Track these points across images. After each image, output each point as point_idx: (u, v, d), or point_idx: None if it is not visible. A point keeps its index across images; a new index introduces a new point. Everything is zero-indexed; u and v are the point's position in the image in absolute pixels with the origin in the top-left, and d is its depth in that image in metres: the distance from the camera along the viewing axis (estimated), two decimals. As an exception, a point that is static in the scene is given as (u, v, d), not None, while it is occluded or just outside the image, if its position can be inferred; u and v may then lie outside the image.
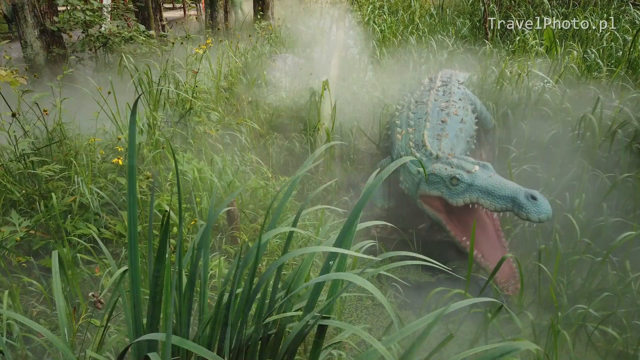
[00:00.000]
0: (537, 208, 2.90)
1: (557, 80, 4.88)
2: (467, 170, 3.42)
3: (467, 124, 4.30)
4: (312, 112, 5.02)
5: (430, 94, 4.61)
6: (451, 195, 3.40)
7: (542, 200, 2.93)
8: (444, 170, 3.48)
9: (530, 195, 2.95)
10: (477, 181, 3.29)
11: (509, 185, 3.11)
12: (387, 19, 8.60)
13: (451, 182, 3.41)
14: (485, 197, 3.18)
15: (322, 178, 4.91)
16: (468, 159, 3.56)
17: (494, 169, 3.47)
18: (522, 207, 2.94)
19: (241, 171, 3.85)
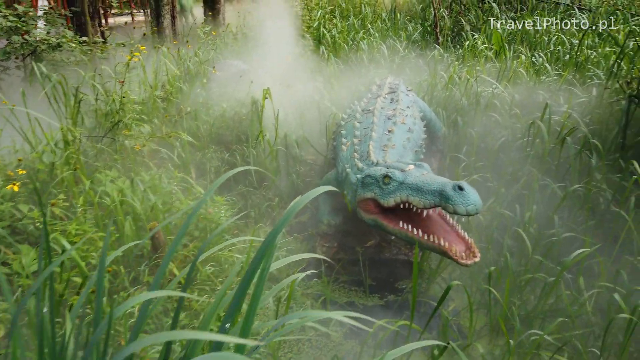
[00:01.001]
0: (464, 199, 2.65)
1: (506, 85, 4.76)
2: (401, 169, 3.20)
3: (414, 133, 4.08)
4: (254, 123, 4.69)
5: (377, 101, 4.37)
6: (382, 194, 3.17)
7: (470, 190, 2.67)
8: (378, 171, 3.26)
9: (457, 186, 2.70)
10: (408, 179, 3.07)
11: (438, 180, 2.87)
12: (338, 24, 8.39)
13: (383, 181, 3.18)
14: (414, 195, 2.94)
15: (265, 193, 4.59)
16: (407, 161, 3.34)
17: (430, 169, 3.26)
18: (448, 200, 2.69)
19: (168, 191, 3.48)
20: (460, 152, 4.50)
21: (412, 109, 4.41)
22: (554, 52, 5.82)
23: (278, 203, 4.54)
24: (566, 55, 5.49)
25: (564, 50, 5.75)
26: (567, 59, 5.40)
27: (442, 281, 3.55)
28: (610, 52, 5.40)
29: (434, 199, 2.81)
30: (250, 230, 4.23)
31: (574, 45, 5.74)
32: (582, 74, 5.02)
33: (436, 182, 2.86)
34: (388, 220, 3.22)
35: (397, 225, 3.14)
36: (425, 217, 3.12)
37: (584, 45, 5.27)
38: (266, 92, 4.40)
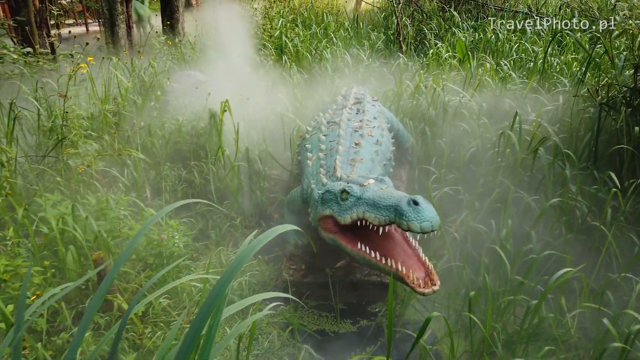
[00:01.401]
0: (418, 215, 2.43)
1: (473, 94, 4.65)
2: (360, 183, 3.00)
3: (383, 146, 3.89)
4: (213, 137, 4.39)
5: (343, 113, 4.17)
6: (340, 211, 2.95)
7: (425, 205, 2.46)
8: (337, 186, 3.05)
9: (412, 200, 2.49)
10: (366, 194, 2.85)
11: (395, 194, 2.66)
12: (300, 33, 8.19)
13: (341, 196, 2.96)
14: (370, 210, 2.73)
15: (228, 211, 4.29)
16: (368, 176, 3.16)
17: (391, 184, 3.09)
18: (402, 215, 2.48)
19: (115, 216, 3.14)
20: (430, 164, 4.35)
21: (379, 120, 4.22)
22: (517, 60, 5.80)
23: (241, 222, 4.25)
24: (530, 63, 5.47)
25: (527, 57, 5.73)
26: (531, 66, 5.37)
27: (417, 303, 3.35)
28: (572, 59, 5.42)
29: (389, 215, 2.59)
30: (211, 252, 3.93)
31: (537, 53, 5.73)
32: (547, 80, 4.98)
33: (392, 196, 2.64)
34: (347, 240, 2.99)
35: (355, 246, 2.91)
36: (386, 239, 2.90)
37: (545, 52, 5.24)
38: (225, 105, 4.12)
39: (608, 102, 3.39)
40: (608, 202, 2.77)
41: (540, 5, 9.52)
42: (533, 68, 5.30)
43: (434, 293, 2.52)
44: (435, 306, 3.29)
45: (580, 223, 3.14)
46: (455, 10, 9.08)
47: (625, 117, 3.23)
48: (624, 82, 3.48)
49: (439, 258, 3.45)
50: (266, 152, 4.64)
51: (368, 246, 2.85)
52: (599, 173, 3.31)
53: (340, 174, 3.35)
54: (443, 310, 3.21)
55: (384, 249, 2.85)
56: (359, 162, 3.57)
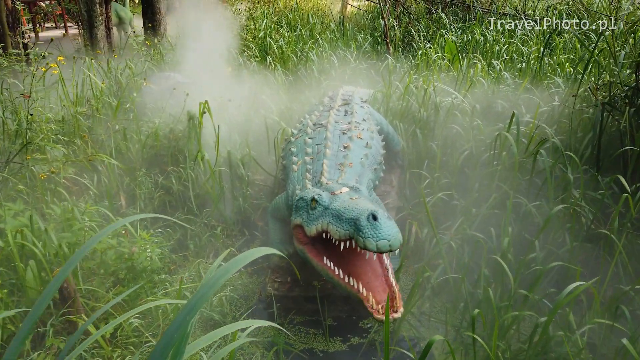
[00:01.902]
0: (376, 231, 2.19)
1: (465, 95, 4.46)
2: (332, 192, 2.75)
3: (373, 149, 3.66)
4: (192, 141, 4.12)
5: (330, 114, 3.93)
6: (308, 221, 2.70)
7: (384, 222, 2.21)
8: (310, 193, 2.80)
9: (371, 215, 2.24)
10: (334, 204, 2.60)
11: (360, 206, 2.40)
12: (285, 34, 7.96)
13: (311, 205, 2.72)
14: (333, 223, 2.47)
15: (208, 220, 4.02)
16: (347, 184, 2.90)
17: (366, 193, 2.83)
18: (359, 231, 2.24)
19: (80, 228, 2.85)
20: (422, 168, 4.14)
21: (368, 122, 4.00)
22: (507, 60, 5.64)
23: (222, 231, 3.97)
24: (522, 63, 5.31)
25: (518, 58, 5.58)
26: (523, 67, 5.21)
27: (412, 317, 3.12)
28: (565, 59, 5.27)
29: (349, 229, 2.34)
30: (190, 265, 3.65)
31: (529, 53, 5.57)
32: (541, 80, 4.81)
33: (355, 209, 2.39)
34: (314, 253, 2.74)
35: (321, 260, 2.66)
36: (356, 255, 2.63)
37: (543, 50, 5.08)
38: (204, 106, 3.86)
39: (610, 101, 3.21)
40: (618, 208, 2.57)
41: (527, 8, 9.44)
42: (526, 68, 5.13)
43: (394, 321, 2.30)
44: (432, 321, 3.06)
45: (585, 230, 2.94)
46: (442, 11, 8.94)
47: (629, 117, 3.05)
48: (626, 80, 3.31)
49: (434, 268, 3.23)
50: (249, 156, 4.38)
51: (334, 262, 2.59)
52: (602, 177, 3.13)
53: (325, 180, 3.11)
54: (440, 326, 2.98)
55: (352, 266, 2.60)
56: (348, 166, 3.34)
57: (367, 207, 2.38)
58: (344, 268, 2.57)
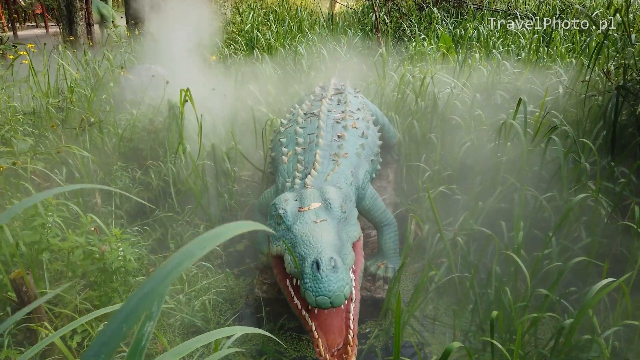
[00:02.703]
0: (316, 284, 1.89)
1: (465, 83, 4.22)
2: (300, 207, 2.42)
3: (369, 139, 3.39)
4: (173, 131, 3.81)
5: (322, 103, 3.65)
6: (273, 237, 2.41)
7: (326, 274, 1.90)
8: (281, 202, 2.48)
9: (315, 262, 1.95)
10: (296, 226, 2.28)
11: (315, 239, 2.10)
12: (272, 27, 7.68)
13: (277, 219, 2.42)
14: (289, 252, 2.17)
15: (190, 218, 3.71)
16: (327, 191, 2.52)
17: (338, 212, 2.42)
18: (302, 278, 1.96)
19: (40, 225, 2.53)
20: (420, 161, 3.88)
21: (363, 112, 3.73)
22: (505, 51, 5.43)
23: (206, 229, 3.66)
24: (521, 54, 5.10)
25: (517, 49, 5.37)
26: (523, 57, 5.00)
27: (415, 321, 2.84)
28: (565, 49, 5.07)
29: (295, 269, 2.05)
30: (170, 267, 3.33)
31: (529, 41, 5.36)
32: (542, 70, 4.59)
33: (308, 244, 2.08)
34: (278, 269, 2.41)
35: (283, 280, 2.34)
36: None
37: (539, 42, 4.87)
38: (185, 94, 3.55)
39: (625, 85, 2.99)
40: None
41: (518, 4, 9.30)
42: (526, 58, 4.92)
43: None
44: (437, 325, 2.79)
45: (604, 224, 2.70)
46: (434, 7, 8.74)
47: (646, 103, 2.83)
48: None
49: (438, 267, 2.96)
50: (235, 149, 4.08)
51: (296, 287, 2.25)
52: (618, 167, 2.89)
53: (313, 174, 2.80)
54: (447, 330, 2.71)
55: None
56: (343, 157, 3.06)
57: (319, 244, 2.05)
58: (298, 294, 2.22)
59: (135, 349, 0.75)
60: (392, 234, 3.16)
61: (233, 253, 3.71)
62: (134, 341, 0.76)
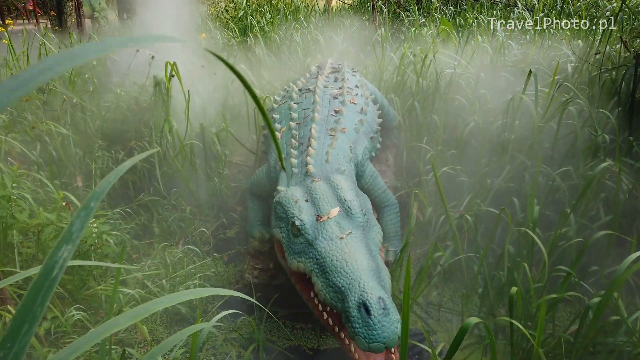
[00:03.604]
0: (368, 331, 1.65)
1: (469, 61, 4.00)
2: (318, 214, 2.14)
3: (368, 116, 3.17)
4: (159, 109, 3.57)
5: (319, 79, 3.43)
6: (289, 248, 2.13)
7: (380, 317, 1.66)
8: (291, 204, 2.20)
9: (362, 304, 1.70)
10: (319, 242, 2.01)
11: (350, 268, 1.83)
12: (267, 14, 7.46)
13: (292, 228, 2.14)
14: (318, 275, 1.92)
15: (177, 202, 3.47)
16: (341, 187, 2.28)
17: (360, 218, 2.16)
18: (348, 320, 1.71)
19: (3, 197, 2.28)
20: (422, 142, 3.66)
21: (362, 89, 3.51)
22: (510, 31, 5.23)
23: (192, 213, 3.43)
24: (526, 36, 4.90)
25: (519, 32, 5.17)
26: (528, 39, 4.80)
27: (417, 307, 2.62)
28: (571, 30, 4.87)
29: (335, 302, 1.80)
30: (155, 252, 3.10)
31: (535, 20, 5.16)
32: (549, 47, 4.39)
33: (344, 273, 1.82)
34: (297, 279, 2.18)
35: (308, 294, 2.10)
36: None
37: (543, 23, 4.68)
38: (172, 68, 3.32)
39: (645, 53, 2.78)
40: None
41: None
42: (531, 38, 4.72)
43: None
44: (442, 312, 2.57)
45: (624, 201, 2.48)
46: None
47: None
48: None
49: (443, 250, 2.73)
50: (226, 131, 3.85)
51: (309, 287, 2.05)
52: (637, 142, 2.68)
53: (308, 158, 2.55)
54: (454, 317, 2.49)
55: None
56: (341, 132, 2.84)
57: (357, 274, 1.80)
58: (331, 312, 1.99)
59: (43, 280, 0.52)
60: (393, 215, 2.94)
61: (223, 239, 3.48)
62: (42, 267, 0.53)
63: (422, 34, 5.67)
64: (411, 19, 7.87)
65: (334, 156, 2.62)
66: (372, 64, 4.89)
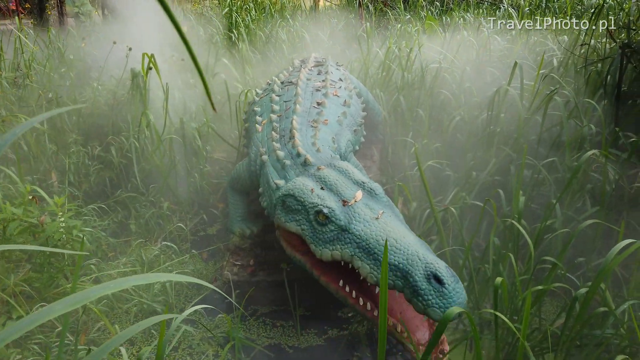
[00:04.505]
0: (443, 300, 1.63)
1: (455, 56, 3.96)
2: (343, 199, 2.09)
3: (352, 108, 3.10)
4: (137, 102, 3.46)
5: (302, 72, 3.36)
6: (315, 239, 2.05)
7: (454, 285, 1.66)
8: (307, 194, 2.13)
9: (432, 274, 1.67)
10: (354, 225, 1.96)
11: (403, 244, 1.80)
12: (252, 12, 7.37)
13: (317, 218, 2.06)
14: (364, 259, 1.86)
15: (155, 198, 3.37)
16: (350, 172, 2.25)
17: (385, 197, 2.16)
18: (417, 294, 1.66)
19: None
20: (407, 137, 3.60)
21: (345, 82, 3.44)
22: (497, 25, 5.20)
23: (170, 209, 3.33)
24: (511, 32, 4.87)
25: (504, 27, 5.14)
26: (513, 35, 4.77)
27: (402, 302, 2.54)
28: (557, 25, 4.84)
29: (395, 280, 1.74)
30: (132, 250, 2.99)
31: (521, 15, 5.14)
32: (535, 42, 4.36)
33: (398, 249, 1.77)
34: (321, 271, 2.13)
35: (336, 284, 2.05)
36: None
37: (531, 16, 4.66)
38: (150, 60, 3.22)
39: (630, 43, 2.75)
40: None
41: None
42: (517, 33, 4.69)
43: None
44: (427, 307, 2.49)
45: (610, 192, 2.43)
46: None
47: (651, 63, 2.60)
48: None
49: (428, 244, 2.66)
50: (207, 126, 3.75)
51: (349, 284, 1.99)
52: (623, 132, 2.64)
53: (298, 143, 2.49)
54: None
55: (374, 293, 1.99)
56: (323, 123, 2.76)
57: (412, 248, 1.77)
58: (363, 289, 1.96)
59: None
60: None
61: (203, 237, 3.37)
62: None
63: (408, 30, 5.63)
64: (397, 16, 7.84)
65: (321, 146, 2.55)
66: (357, 59, 4.82)
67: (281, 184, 2.34)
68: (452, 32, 4.97)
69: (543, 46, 4.40)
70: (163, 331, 1.44)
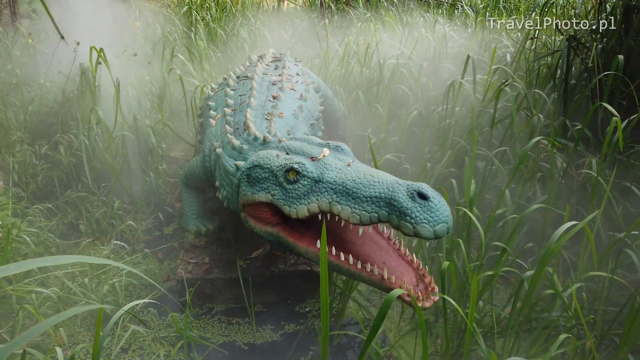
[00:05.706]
0: (431, 213, 1.62)
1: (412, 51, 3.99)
2: (310, 155, 2.10)
3: (308, 102, 3.07)
4: (86, 98, 3.33)
5: (258, 66, 3.31)
6: (287, 199, 2.01)
7: (437, 200, 1.66)
8: (273, 159, 2.11)
9: (416, 192, 1.67)
10: (327, 174, 1.95)
11: (380, 178, 1.80)
12: (212, 9, 7.27)
13: (286, 177, 2.02)
14: (343, 202, 1.83)
15: (107, 198, 3.25)
16: (312, 139, 2.27)
17: (351, 152, 2.21)
18: (404, 214, 1.64)
19: None
20: (366, 132, 3.60)
21: (303, 77, 3.41)
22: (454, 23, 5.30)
23: (121, 208, 3.22)
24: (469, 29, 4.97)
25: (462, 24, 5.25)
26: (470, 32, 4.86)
27: (359, 296, 2.53)
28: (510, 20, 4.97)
29: (378, 211, 1.72)
30: (79, 251, 2.86)
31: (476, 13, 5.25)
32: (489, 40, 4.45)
33: (377, 182, 1.77)
34: (296, 237, 2.07)
35: (314, 246, 2.01)
36: (347, 230, 2.03)
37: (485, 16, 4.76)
38: (99, 54, 3.10)
39: (576, 35, 2.83)
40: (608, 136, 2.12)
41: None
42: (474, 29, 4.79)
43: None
44: (384, 297, 2.48)
45: (559, 181, 2.49)
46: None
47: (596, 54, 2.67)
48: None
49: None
50: (162, 123, 3.65)
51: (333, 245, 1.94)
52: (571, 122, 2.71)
53: (254, 131, 2.46)
54: (396, 303, 2.42)
55: (349, 244, 1.98)
56: (278, 116, 2.71)
57: (390, 178, 1.78)
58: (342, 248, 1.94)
59: None
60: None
61: (159, 237, 3.27)
62: None
63: (369, 28, 5.66)
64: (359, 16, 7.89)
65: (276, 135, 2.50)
66: (317, 55, 4.81)
67: (241, 164, 2.27)
68: (410, 29, 5.02)
69: (498, 43, 4.50)
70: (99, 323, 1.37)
